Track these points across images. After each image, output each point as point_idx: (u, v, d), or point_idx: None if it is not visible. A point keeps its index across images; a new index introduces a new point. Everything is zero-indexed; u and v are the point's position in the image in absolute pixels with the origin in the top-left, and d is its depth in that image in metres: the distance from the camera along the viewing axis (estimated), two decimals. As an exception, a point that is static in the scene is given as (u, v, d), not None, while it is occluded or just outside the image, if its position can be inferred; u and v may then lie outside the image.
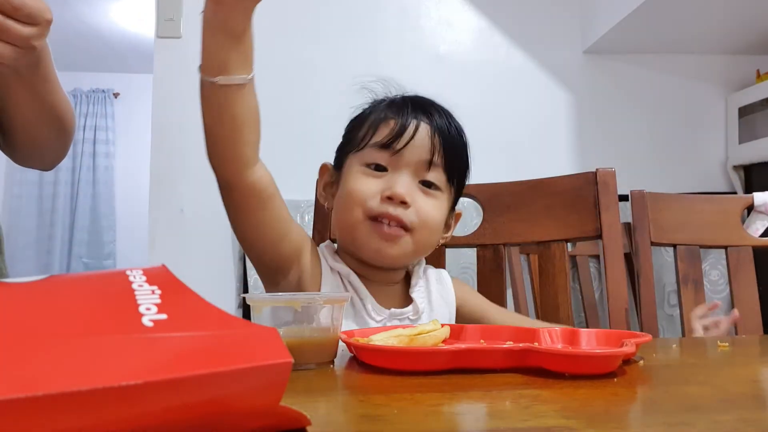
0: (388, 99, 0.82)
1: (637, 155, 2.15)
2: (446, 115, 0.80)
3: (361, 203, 0.73)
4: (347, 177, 0.77)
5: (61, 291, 0.32)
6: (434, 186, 0.76)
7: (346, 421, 0.36)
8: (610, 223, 0.93)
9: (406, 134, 0.74)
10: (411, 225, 0.73)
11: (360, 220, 0.74)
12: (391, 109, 0.77)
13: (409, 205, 0.73)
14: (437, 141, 0.75)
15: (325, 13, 2.08)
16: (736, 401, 0.41)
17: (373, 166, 0.75)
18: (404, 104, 0.78)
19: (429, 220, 0.75)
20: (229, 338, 0.29)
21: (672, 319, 2.01)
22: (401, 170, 0.74)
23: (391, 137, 0.74)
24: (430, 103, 0.80)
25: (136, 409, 0.24)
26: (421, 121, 0.75)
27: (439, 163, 0.75)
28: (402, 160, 0.74)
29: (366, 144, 0.76)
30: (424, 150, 0.74)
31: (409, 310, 0.79)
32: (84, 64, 4.33)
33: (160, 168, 1.97)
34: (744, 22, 1.94)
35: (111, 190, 4.54)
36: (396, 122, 0.75)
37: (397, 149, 0.74)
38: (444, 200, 0.78)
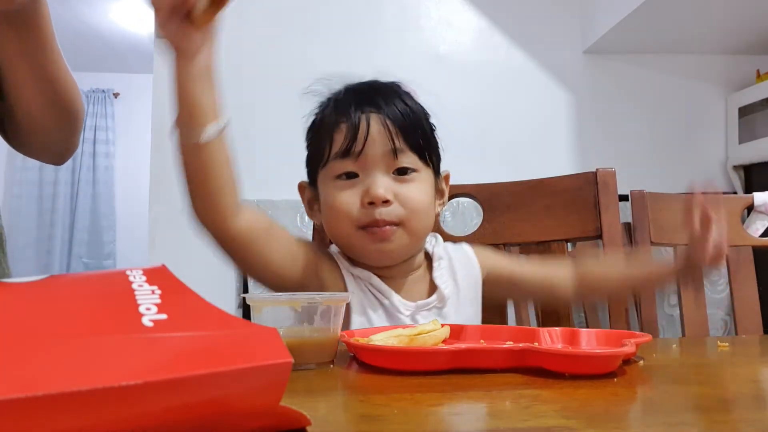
0: (333, 97, 0.80)
1: (637, 155, 2.15)
2: (393, 93, 0.77)
3: (347, 217, 0.73)
4: (325, 194, 0.77)
5: (61, 291, 0.32)
6: (410, 170, 0.75)
7: (346, 421, 0.36)
8: (610, 223, 0.93)
9: (360, 134, 0.72)
10: (399, 219, 0.73)
11: (351, 232, 0.74)
12: (338, 111, 0.76)
13: (391, 201, 0.72)
14: (392, 127, 0.73)
15: (325, 12, 2.08)
16: (736, 401, 0.41)
17: (343, 176, 0.74)
18: (348, 101, 0.76)
19: (416, 206, 0.74)
20: (229, 338, 0.29)
21: (672, 319, 2.01)
22: (371, 170, 0.73)
23: (347, 143, 0.73)
24: (371, 89, 0.78)
25: (136, 409, 0.24)
26: (369, 113, 0.74)
27: (404, 147, 0.74)
28: (368, 160, 0.73)
29: (329, 157, 0.75)
30: (383, 142, 0.73)
31: (433, 299, 0.78)
32: (84, 64, 4.33)
33: (160, 168, 1.97)
34: (744, 22, 1.94)
35: (111, 190, 4.53)
36: (347, 125, 0.74)
37: (358, 152, 0.73)
38: (425, 177, 0.77)
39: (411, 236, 0.75)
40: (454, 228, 1.52)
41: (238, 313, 1.91)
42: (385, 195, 0.71)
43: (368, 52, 2.08)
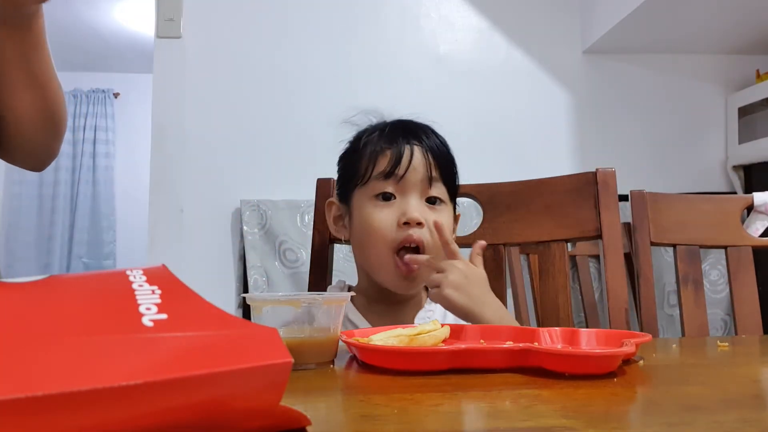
0: (375, 128, 0.86)
1: (637, 155, 2.15)
2: (431, 131, 0.85)
3: (383, 236, 0.79)
4: (360, 211, 0.82)
5: (61, 291, 0.32)
6: (438, 200, 0.82)
7: (346, 421, 0.36)
8: (610, 223, 0.93)
9: (404, 160, 0.79)
10: (427, 245, 0.79)
11: (386, 259, 0.79)
12: (383, 139, 0.82)
13: (424, 225, 0.78)
14: (431, 159, 0.81)
15: (325, 13, 2.08)
16: (736, 401, 0.41)
17: (381, 196, 0.80)
18: (394, 132, 0.83)
19: (445, 235, 0.79)
20: (229, 338, 0.29)
21: (672, 319, 2.01)
22: (408, 194, 0.80)
23: (392, 166, 0.79)
24: (414, 125, 0.85)
25: (136, 409, 0.24)
26: (413, 144, 0.81)
27: (438, 178, 0.82)
28: (407, 185, 0.80)
29: (370, 177, 0.81)
30: (422, 170, 0.80)
31: None
32: (84, 64, 4.33)
33: (160, 168, 1.97)
34: (744, 22, 1.94)
35: (111, 190, 4.53)
36: (392, 151, 0.80)
37: (401, 175, 0.79)
38: (449, 210, 0.85)
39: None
40: (454, 228, 1.52)
41: (238, 313, 1.91)
42: (420, 218, 0.78)
43: (368, 52, 2.08)
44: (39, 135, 0.77)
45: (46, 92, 0.74)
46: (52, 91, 0.75)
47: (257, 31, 2.04)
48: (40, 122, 0.76)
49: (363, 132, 0.87)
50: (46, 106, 0.75)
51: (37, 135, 0.77)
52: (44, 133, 0.78)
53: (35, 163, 0.83)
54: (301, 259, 1.89)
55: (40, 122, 0.76)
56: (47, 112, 0.76)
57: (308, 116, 2.01)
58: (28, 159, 0.82)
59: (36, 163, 0.83)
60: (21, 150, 0.79)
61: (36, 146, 0.79)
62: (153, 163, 1.97)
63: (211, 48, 2.02)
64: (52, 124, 0.78)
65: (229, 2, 2.03)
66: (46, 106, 0.75)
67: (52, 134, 0.79)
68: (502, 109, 2.12)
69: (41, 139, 0.78)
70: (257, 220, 1.91)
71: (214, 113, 2.00)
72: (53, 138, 0.80)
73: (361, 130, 0.88)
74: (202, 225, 1.96)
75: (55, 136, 0.80)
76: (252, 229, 1.91)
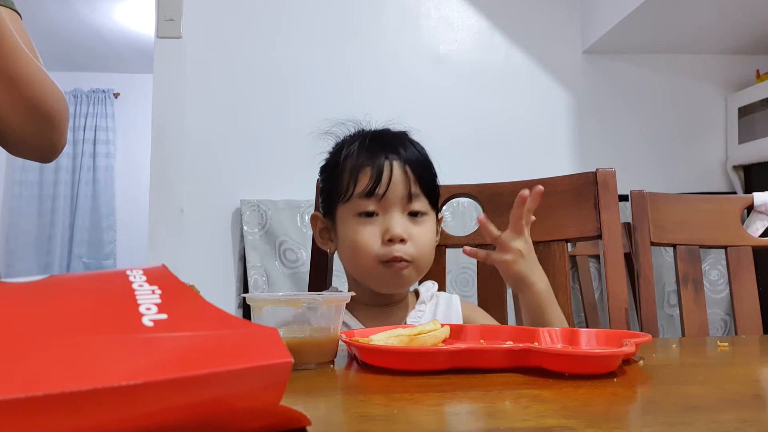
0: (355, 139, 0.86)
1: (637, 155, 2.15)
2: (408, 141, 0.85)
3: (369, 252, 0.81)
4: (345, 227, 0.84)
5: (61, 291, 0.32)
6: (420, 213, 0.83)
7: (346, 421, 0.36)
8: (610, 223, 0.93)
9: (384, 178, 0.80)
10: (411, 258, 0.81)
11: (372, 267, 0.81)
12: (363, 155, 0.83)
13: (407, 240, 0.80)
14: (410, 173, 0.81)
15: (325, 13, 2.08)
16: (736, 401, 0.41)
17: (364, 214, 0.81)
18: (373, 146, 0.83)
19: (425, 247, 0.83)
20: (229, 338, 0.29)
21: (672, 319, 2.01)
22: (390, 211, 0.81)
23: (372, 184, 0.80)
24: (392, 136, 0.86)
25: (136, 409, 0.24)
26: (393, 159, 0.81)
27: (419, 193, 0.82)
28: (388, 202, 0.81)
29: (351, 195, 0.82)
30: (403, 187, 0.81)
31: None
32: (84, 64, 4.33)
33: (160, 168, 1.97)
34: (744, 22, 1.94)
35: (111, 190, 4.53)
36: (372, 169, 0.81)
37: (381, 194, 0.80)
38: (431, 219, 0.85)
39: (418, 273, 0.84)
40: (454, 228, 1.52)
41: (238, 313, 1.91)
42: (402, 234, 0.79)
43: (368, 52, 2.08)
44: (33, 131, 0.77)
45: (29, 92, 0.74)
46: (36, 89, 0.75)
47: (257, 31, 2.04)
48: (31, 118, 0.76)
49: (342, 143, 0.88)
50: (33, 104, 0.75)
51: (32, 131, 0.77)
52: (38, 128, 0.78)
53: (35, 155, 0.83)
54: (301, 259, 1.90)
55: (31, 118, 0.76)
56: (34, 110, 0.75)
57: (308, 116, 2.00)
58: (31, 153, 0.82)
59: (37, 154, 0.83)
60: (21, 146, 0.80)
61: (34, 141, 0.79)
62: (153, 163, 1.97)
63: (211, 48, 2.02)
64: (44, 120, 0.77)
65: (229, 2, 2.03)
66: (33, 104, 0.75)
67: (48, 129, 0.79)
68: (502, 109, 2.12)
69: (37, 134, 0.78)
70: (257, 220, 1.91)
71: (214, 113, 2.00)
72: (51, 132, 0.80)
73: (340, 141, 0.89)
74: (202, 225, 1.96)
75: (52, 130, 0.80)
76: (252, 229, 1.91)
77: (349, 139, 0.88)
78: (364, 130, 0.89)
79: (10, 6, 0.81)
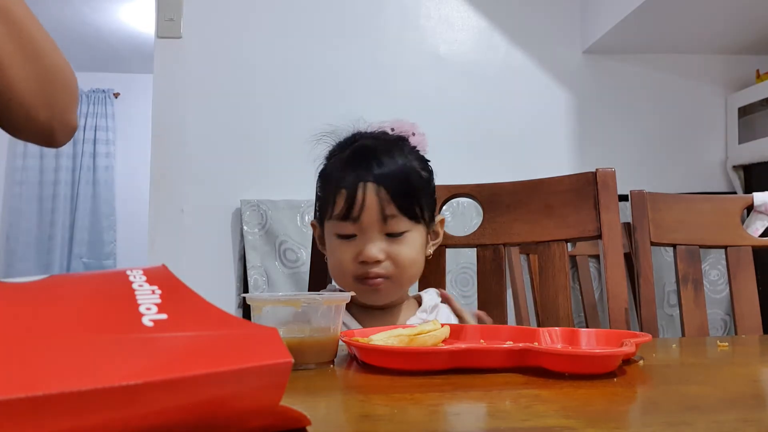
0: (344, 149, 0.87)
1: (637, 155, 2.15)
2: (388, 155, 0.83)
3: (345, 271, 0.83)
4: (328, 243, 0.86)
5: (61, 291, 0.32)
6: (400, 233, 0.82)
7: (346, 421, 0.36)
8: (610, 223, 0.93)
9: (356, 203, 0.80)
10: (389, 274, 0.82)
11: (350, 283, 0.84)
12: (342, 172, 0.83)
13: (382, 260, 0.81)
14: (384, 195, 0.80)
15: (325, 13, 2.08)
16: (736, 401, 0.41)
17: (344, 236, 0.83)
18: (352, 163, 0.83)
19: (405, 263, 0.83)
20: (229, 338, 0.29)
21: (672, 319, 2.01)
22: (366, 233, 0.81)
23: (346, 209, 0.81)
24: (372, 151, 0.84)
25: (136, 409, 0.24)
26: (367, 181, 0.81)
27: (396, 213, 0.81)
28: (363, 225, 0.81)
29: (331, 216, 0.83)
30: (376, 210, 0.81)
31: None
32: (84, 64, 4.33)
33: (160, 168, 1.97)
34: (744, 22, 1.94)
35: (111, 190, 4.53)
36: (347, 191, 0.81)
37: (355, 218, 0.81)
38: (416, 233, 0.84)
39: (399, 286, 0.85)
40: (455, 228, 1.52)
41: (238, 313, 1.91)
42: (377, 256, 0.80)
43: (368, 52, 2.08)
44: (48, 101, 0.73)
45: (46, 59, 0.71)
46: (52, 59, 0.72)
47: (257, 31, 2.04)
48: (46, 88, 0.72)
49: (334, 150, 0.89)
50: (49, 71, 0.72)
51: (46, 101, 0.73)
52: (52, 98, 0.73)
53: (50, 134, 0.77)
54: (301, 259, 1.90)
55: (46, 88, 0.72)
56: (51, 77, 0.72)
57: (308, 116, 2.01)
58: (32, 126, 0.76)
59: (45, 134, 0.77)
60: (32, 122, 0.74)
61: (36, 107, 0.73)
62: (153, 163, 1.97)
63: (211, 48, 2.02)
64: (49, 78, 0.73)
65: (229, 2, 2.03)
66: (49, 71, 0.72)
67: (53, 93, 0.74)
68: (502, 108, 2.12)
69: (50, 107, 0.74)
70: (257, 220, 1.91)
71: (214, 113, 2.00)
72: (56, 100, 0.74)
73: (334, 146, 0.90)
74: (202, 225, 1.96)
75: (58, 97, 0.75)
76: (252, 229, 1.91)
77: (338, 148, 0.89)
78: (358, 134, 0.88)
79: None
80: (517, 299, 1.58)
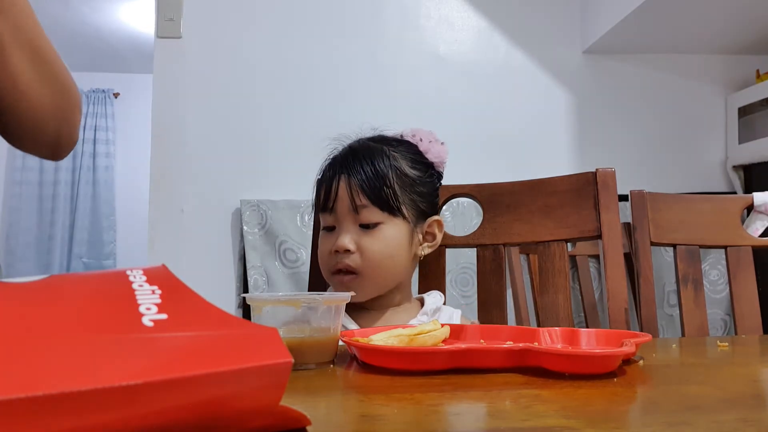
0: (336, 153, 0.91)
1: (637, 155, 2.15)
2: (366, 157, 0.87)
3: (323, 263, 0.88)
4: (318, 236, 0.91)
5: (61, 291, 0.32)
6: (374, 224, 0.85)
7: (346, 421, 0.36)
8: (610, 223, 0.93)
9: (331, 194, 0.86)
10: (358, 268, 0.84)
11: (328, 276, 0.88)
12: (324, 171, 0.90)
13: (353, 251, 0.84)
14: (354, 186, 0.84)
15: (325, 13, 2.08)
16: (736, 401, 0.41)
17: (326, 228, 0.88)
18: (332, 162, 0.89)
19: (374, 257, 0.84)
20: (229, 338, 0.29)
21: (672, 319, 2.01)
22: (341, 224, 0.86)
23: (324, 201, 0.87)
24: (354, 150, 0.88)
25: (136, 409, 0.24)
26: (341, 175, 0.86)
27: (366, 204, 0.84)
28: (338, 216, 0.86)
29: (319, 209, 0.89)
30: (347, 200, 0.85)
31: None
32: (84, 64, 4.33)
33: (160, 168, 1.97)
34: (744, 22, 1.94)
35: (111, 190, 4.53)
36: (325, 185, 0.87)
37: (330, 208, 0.86)
38: (392, 227, 0.86)
39: (372, 283, 0.86)
40: (455, 228, 1.52)
41: (238, 313, 1.91)
42: (347, 245, 0.83)
43: (368, 52, 2.08)
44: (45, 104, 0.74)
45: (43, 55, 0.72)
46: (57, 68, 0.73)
47: (257, 31, 2.04)
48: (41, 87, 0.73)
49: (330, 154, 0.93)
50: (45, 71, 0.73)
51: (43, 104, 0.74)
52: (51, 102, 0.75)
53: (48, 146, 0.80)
54: (301, 259, 1.90)
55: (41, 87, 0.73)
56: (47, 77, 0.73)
57: (308, 116, 2.01)
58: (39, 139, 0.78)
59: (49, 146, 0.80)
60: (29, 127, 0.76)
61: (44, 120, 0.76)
62: (153, 163, 1.97)
63: (211, 48, 2.02)
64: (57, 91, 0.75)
65: (229, 2, 2.03)
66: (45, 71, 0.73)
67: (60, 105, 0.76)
68: (502, 108, 2.11)
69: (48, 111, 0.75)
70: (257, 220, 1.91)
71: (214, 113, 2.00)
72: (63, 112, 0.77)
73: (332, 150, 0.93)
74: (202, 225, 1.96)
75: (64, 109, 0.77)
76: (252, 229, 1.91)
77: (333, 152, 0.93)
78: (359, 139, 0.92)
79: None
80: (517, 299, 1.58)
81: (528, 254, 1.79)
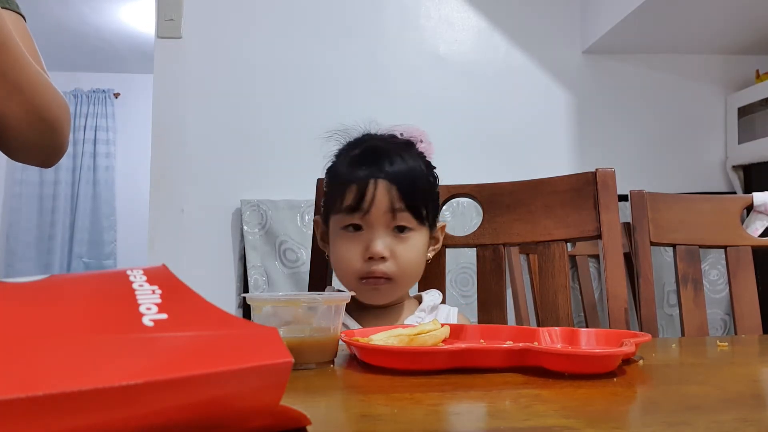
0: (354, 146, 0.89)
1: (637, 155, 2.15)
2: (399, 156, 0.85)
3: (349, 267, 0.84)
4: (333, 240, 0.87)
5: (61, 291, 0.32)
6: (406, 229, 0.84)
7: (346, 421, 0.36)
8: (610, 223, 0.93)
9: (367, 195, 0.82)
10: (392, 275, 0.83)
11: (352, 281, 0.85)
12: (353, 168, 0.85)
13: (388, 258, 0.82)
14: (395, 191, 0.82)
15: (325, 13, 2.08)
16: (736, 401, 0.41)
17: (350, 228, 0.84)
18: (361, 161, 0.85)
19: (407, 265, 0.84)
20: (229, 338, 0.29)
21: (672, 319, 2.01)
22: (373, 227, 0.83)
23: (356, 201, 0.82)
24: (383, 150, 0.86)
25: (136, 409, 0.24)
26: (377, 177, 0.83)
27: (403, 208, 0.83)
28: (371, 218, 0.83)
29: (340, 209, 0.84)
30: (386, 203, 0.82)
31: None
32: (84, 64, 4.33)
33: (160, 168, 1.97)
34: (744, 22, 1.94)
35: (111, 190, 4.53)
36: (357, 185, 0.83)
37: (365, 210, 0.82)
38: (420, 234, 0.86)
39: (399, 288, 0.86)
40: (455, 228, 1.52)
41: (238, 313, 1.91)
42: (383, 252, 0.82)
43: (368, 52, 2.08)
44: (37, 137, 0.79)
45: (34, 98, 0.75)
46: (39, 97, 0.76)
47: (257, 31, 2.04)
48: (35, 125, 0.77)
49: (344, 149, 0.90)
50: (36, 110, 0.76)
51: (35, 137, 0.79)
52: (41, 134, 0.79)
53: (42, 161, 0.85)
54: (301, 259, 1.90)
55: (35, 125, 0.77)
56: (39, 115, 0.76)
57: (308, 116, 2.01)
58: (33, 158, 0.84)
59: (42, 161, 0.85)
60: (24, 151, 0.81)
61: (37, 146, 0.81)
62: (153, 163, 1.97)
63: (211, 48, 2.02)
64: (47, 125, 0.79)
65: (229, 2, 2.03)
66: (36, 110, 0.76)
67: (50, 134, 0.80)
68: (502, 108, 2.11)
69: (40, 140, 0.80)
70: (257, 220, 1.91)
71: (214, 113, 2.00)
72: (52, 136, 0.81)
73: (344, 145, 0.91)
74: (202, 225, 1.96)
75: (54, 136, 0.81)
76: (252, 229, 1.91)
77: (348, 146, 0.90)
78: (367, 135, 0.90)
79: (14, 9, 0.81)
80: (517, 299, 1.58)
81: (528, 254, 1.79)
